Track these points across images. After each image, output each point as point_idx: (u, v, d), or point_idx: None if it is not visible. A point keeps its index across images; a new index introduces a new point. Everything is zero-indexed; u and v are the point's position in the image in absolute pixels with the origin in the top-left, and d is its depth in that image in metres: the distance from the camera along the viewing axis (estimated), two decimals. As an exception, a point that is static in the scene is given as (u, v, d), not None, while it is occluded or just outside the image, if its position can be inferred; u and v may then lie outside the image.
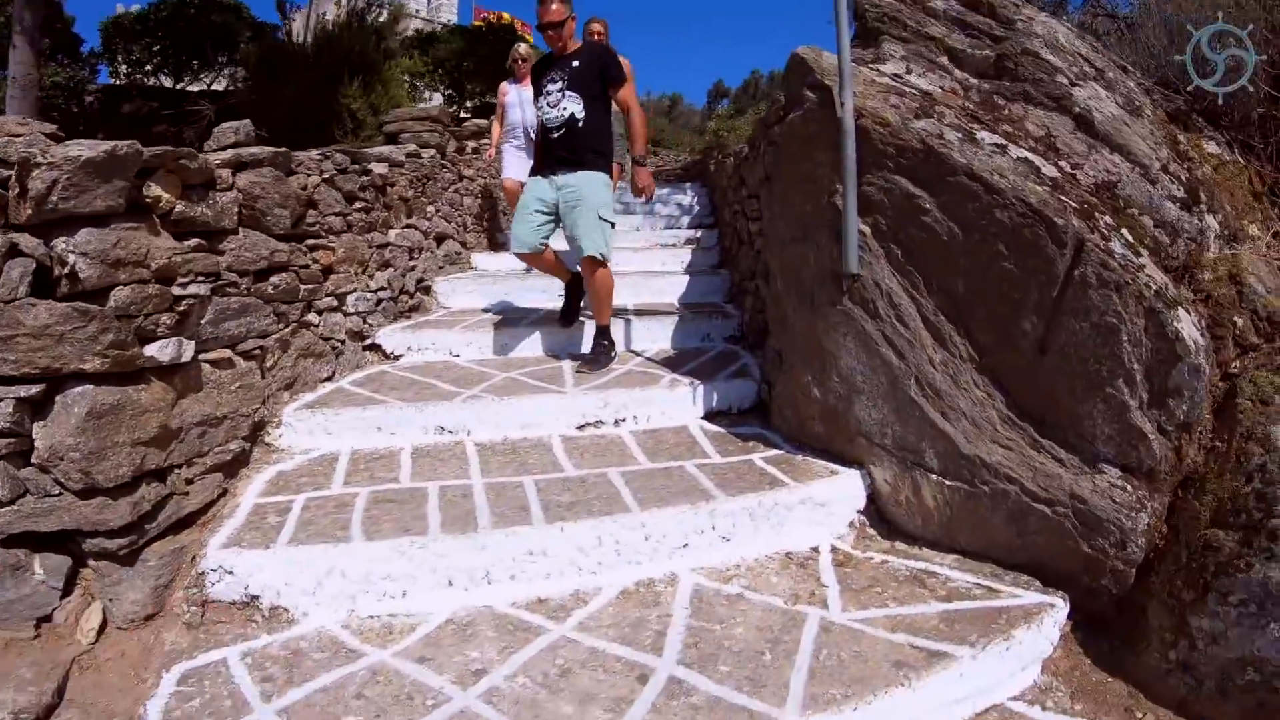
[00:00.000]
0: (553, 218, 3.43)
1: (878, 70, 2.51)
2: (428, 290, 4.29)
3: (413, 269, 4.08)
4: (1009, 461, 2.20)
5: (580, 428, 2.89)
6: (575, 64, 3.37)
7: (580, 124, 3.34)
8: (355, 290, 3.38)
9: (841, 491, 2.46)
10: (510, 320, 3.91)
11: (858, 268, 2.32)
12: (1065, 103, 2.46)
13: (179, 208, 2.37)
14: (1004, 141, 2.27)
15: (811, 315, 2.54)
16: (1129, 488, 2.07)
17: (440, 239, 4.57)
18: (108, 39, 7.10)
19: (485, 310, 4.27)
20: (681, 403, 2.97)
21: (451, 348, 3.54)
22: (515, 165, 5.08)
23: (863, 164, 2.31)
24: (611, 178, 3.50)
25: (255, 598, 2.12)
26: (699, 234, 5.39)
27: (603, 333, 3.48)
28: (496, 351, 3.56)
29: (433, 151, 4.55)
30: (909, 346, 2.29)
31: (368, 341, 3.50)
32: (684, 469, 2.53)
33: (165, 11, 6.79)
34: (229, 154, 2.64)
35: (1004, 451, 2.21)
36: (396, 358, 3.56)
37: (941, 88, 2.48)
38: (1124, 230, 2.20)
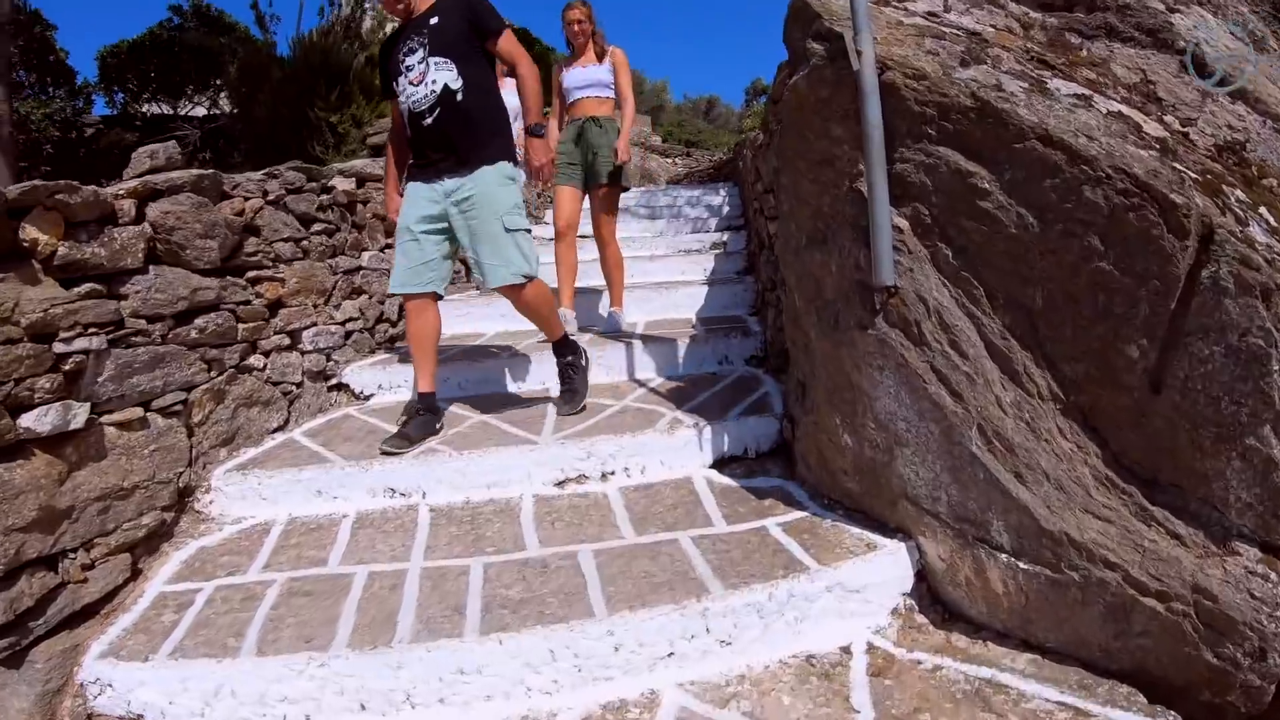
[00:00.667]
0: (446, 237, 2.59)
1: (905, 9, 1.92)
2: (416, 316, 3.86)
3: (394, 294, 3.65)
4: (1108, 539, 1.58)
5: (560, 484, 2.37)
6: (434, 21, 2.51)
7: (459, 97, 2.47)
8: (314, 324, 2.97)
9: (881, 573, 1.87)
10: (498, 347, 3.43)
11: (893, 278, 1.73)
12: (1164, 36, 1.83)
13: (63, 250, 2.00)
14: (1087, 91, 1.65)
15: (837, 340, 1.95)
16: (1273, 575, 1.45)
17: (432, 258, 4.14)
18: (105, 69, 7.06)
19: (478, 334, 3.82)
20: (684, 449, 2.42)
21: (428, 385, 3.08)
22: None
23: (893, 134, 1.73)
24: (516, 161, 2.67)
25: (139, 716, 1.73)
26: (725, 237, 4.81)
27: (563, 348, 2.79)
28: (475, 387, 3.08)
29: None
30: (968, 383, 1.68)
31: (334, 381, 3.08)
32: (677, 545, 1.99)
33: (163, 36, 6.69)
34: (135, 182, 2.25)
35: (1100, 525, 1.60)
36: (365, 398, 3.13)
37: (993, 26, 1.88)
38: (1262, 209, 1.57)
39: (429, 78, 2.49)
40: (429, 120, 2.50)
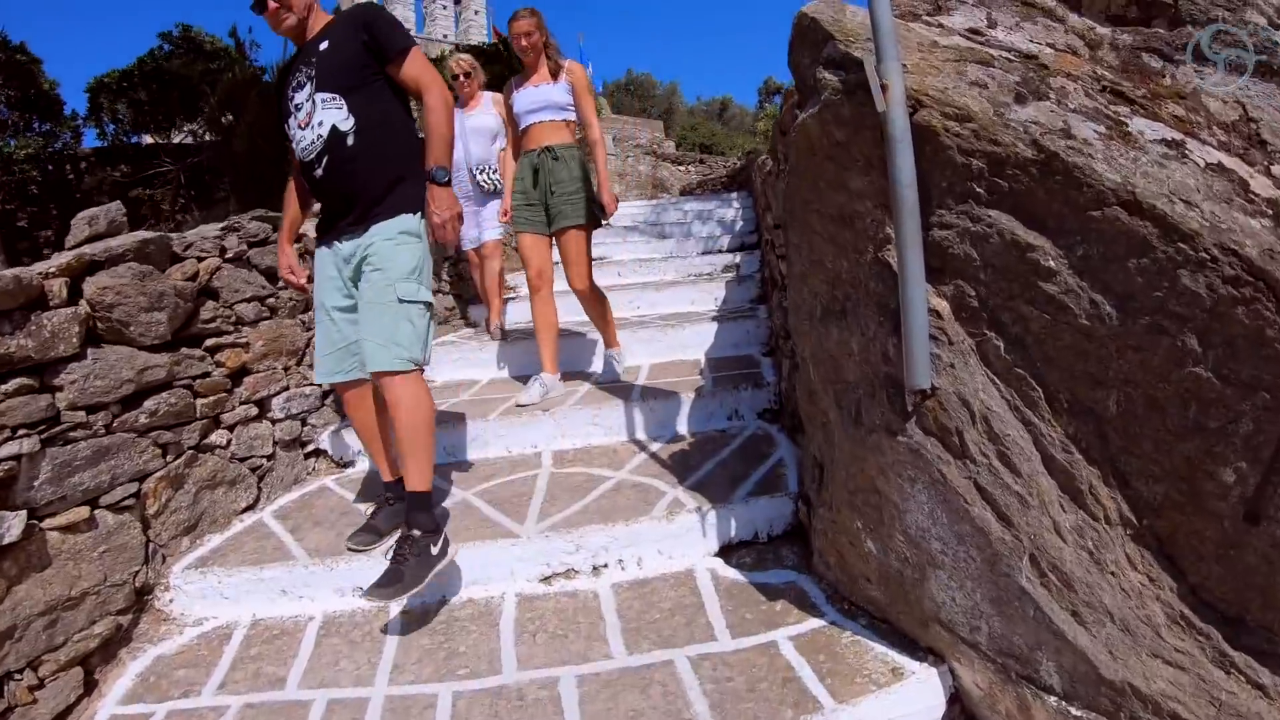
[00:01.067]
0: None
1: (940, 25, 1.60)
2: (408, 362, 3.61)
3: (383, 341, 3.41)
4: (1179, 691, 1.29)
5: (546, 579, 2.10)
6: (324, 46, 2.04)
7: (350, 141, 1.99)
8: (286, 389, 2.73)
9: (908, 704, 1.59)
10: (492, 400, 3.16)
11: (930, 378, 1.42)
12: (1272, 58, 1.47)
13: (-20, 347, 1.79)
14: (1177, 135, 1.31)
15: (859, 439, 1.64)
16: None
17: (425, 297, 3.88)
18: (94, 99, 6.89)
19: (472, 382, 3.56)
20: (686, 536, 2.13)
21: (412, 449, 2.83)
22: (481, 224, 3.94)
23: (930, 192, 1.42)
24: (425, 213, 2.06)
25: None
26: (738, 259, 4.48)
27: (418, 510, 1.98)
28: (462, 450, 2.81)
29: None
30: (1020, 506, 1.37)
31: (310, 447, 2.84)
32: (673, 671, 1.70)
33: (151, 64, 6.50)
34: (68, 257, 2.03)
35: (1171, 673, 1.30)
36: (346, 465, 2.88)
37: (1051, 45, 1.55)
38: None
39: (315, 119, 2.02)
40: (319, 172, 2.06)
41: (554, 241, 3.15)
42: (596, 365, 3.53)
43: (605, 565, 2.11)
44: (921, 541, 1.53)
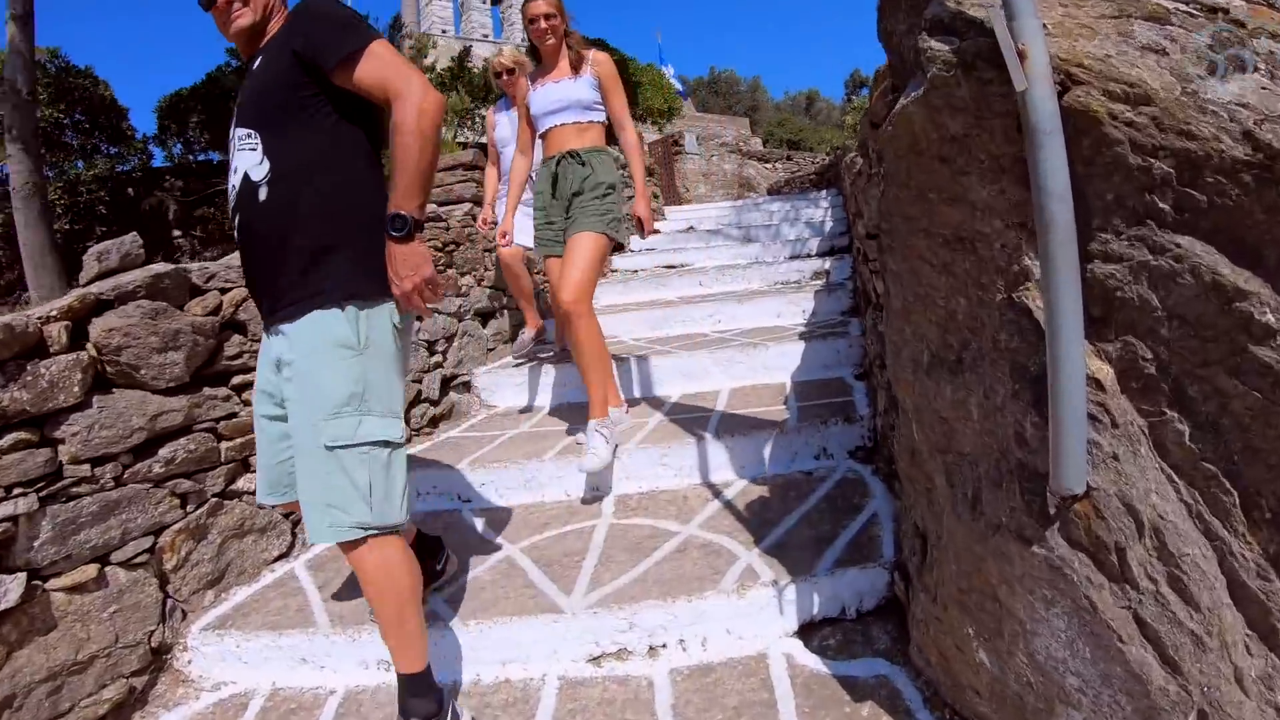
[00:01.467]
0: None
1: (1089, -23, 1.18)
2: (467, 386, 3.38)
3: (438, 365, 3.19)
4: None
5: (595, 659, 1.80)
6: (256, 64, 1.56)
7: (262, 195, 1.47)
8: (325, 423, 2.54)
9: None
10: (551, 434, 2.88)
11: (1086, 479, 1.00)
12: None
13: (-28, 403, 1.65)
14: None
15: (978, 533, 1.24)
16: None
17: (485, 316, 3.65)
18: (162, 120, 7.02)
19: (535, 409, 3.29)
20: (759, 614, 1.78)
21: (460, 490, 2.58)
22: (518, 228, 3.35)
23: (1090, 206, 1.01)
24: (376, 295, 1.50)
25: None
26: (827, 264, 4.03)
27: (413, 694, 1.54)
28: (514, 492, 2.53)
29: (468, 207, 3.63)
30: (1193, 649, 0.95)
31: (354, 485, 2.65)
32: (736, 812, 1.36)
33: (220, 80, 6.54)
34: (71, 298, 1.88)
35: None
36: (389, 506, 2.67)
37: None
38: None
39: (234, 164, 1.55)
40: (235, 234, 1.58)
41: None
42: (666, 389, 3.19)
43: (664, 645, 1.78)
44: (1052, 672, 1.12)
